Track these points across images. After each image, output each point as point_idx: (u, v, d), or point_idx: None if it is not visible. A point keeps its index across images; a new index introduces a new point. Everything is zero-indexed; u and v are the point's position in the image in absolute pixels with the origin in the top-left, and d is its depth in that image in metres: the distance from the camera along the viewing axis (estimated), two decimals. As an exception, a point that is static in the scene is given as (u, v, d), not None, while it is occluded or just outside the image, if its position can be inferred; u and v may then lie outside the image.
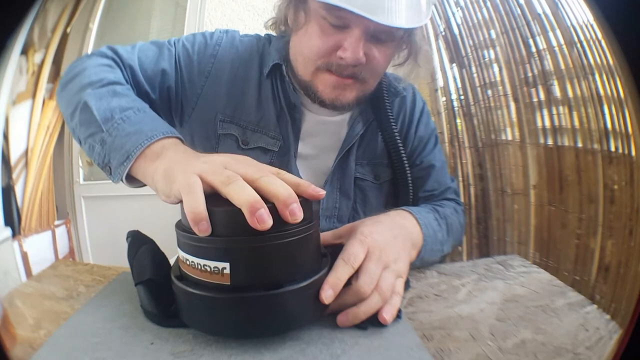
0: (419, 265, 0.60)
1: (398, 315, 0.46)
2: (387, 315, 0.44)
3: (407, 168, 0.68)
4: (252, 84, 0.66)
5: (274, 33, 0.70)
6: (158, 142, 0.48)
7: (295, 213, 0.37)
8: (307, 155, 0.68)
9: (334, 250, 0.46)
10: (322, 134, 0.69)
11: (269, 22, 0.68)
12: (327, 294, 0.41)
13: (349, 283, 0.44)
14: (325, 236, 0.51)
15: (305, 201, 0.41)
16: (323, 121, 0.68)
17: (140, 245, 0.50)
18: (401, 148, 0.68)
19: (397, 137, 0.68)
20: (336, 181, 0.69)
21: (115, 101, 0.53)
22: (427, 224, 0.59)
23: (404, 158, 0.68)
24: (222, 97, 0.66)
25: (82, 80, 0.56)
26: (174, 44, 0.67)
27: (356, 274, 0.45)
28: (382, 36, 0.57)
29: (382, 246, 0.48)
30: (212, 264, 0.39)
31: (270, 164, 0.50)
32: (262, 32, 0.72)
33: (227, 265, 0.39)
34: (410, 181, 0.68)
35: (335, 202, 0.69)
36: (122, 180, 0.49)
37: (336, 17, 0.56)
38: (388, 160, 0.70)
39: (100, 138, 0.50)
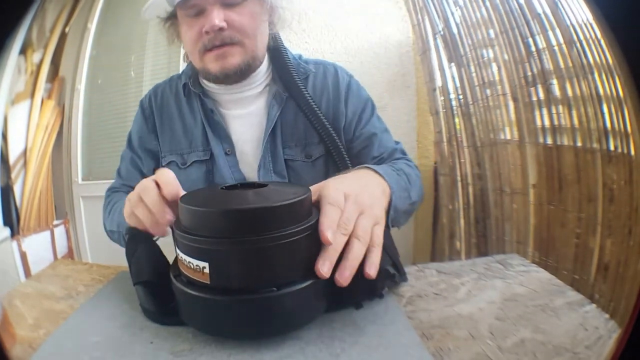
0: (400, 221, 0.64)
1: (381, 294, 0.46)
2: (371, 270, 0.45)
3: (337, 140, 0.72)
4: (175, 116, 0.76)
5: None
6: None
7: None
8: (239, 150, 0.74)
9: None
10: (245, 127, 0.74)
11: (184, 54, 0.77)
12: (328, 235, 0.42)
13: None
14: None
15: (290, 207, 0.41)
16: (242, 115, 0.74)
17: (138, 243, 0.50)
18: (326, 122, 0.72)
19: (319, 112, 0.72)
20: (268, 164, 0.73)
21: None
22: (387, 173, 0.61)
23: (332, 131, 0.72)
24: (163, 141, 0.76)
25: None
26: (128, 141, 0.78)
27: None
28: (230, 1, 0.66)
29: (356, 192, 0.49)
30: (195, 262, 0.40)
31: (207, 171, 0.72)
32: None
33: (206, 264, 0.40)
34: (344, 152, 0.72)
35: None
36: None
37: (189, 8, 0.66)
38: (318, 138, 0.73)
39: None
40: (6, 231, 0.64)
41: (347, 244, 0.44)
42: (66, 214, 0.82)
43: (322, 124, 0.72)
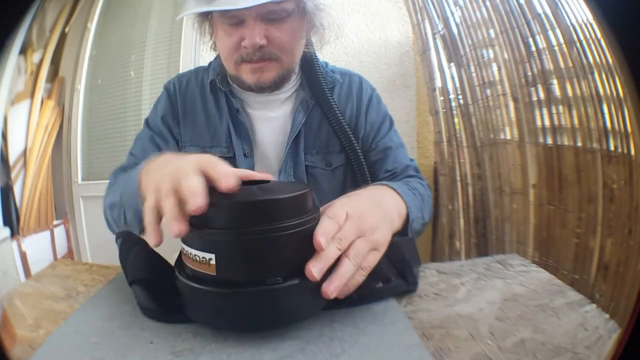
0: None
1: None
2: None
3: (359, 151, 0.73)
4: (199, 108, 0.75)
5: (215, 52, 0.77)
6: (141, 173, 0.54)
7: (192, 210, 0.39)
8: (260, 153, 0.74)
9: None
10: (270, 130, 0.74)
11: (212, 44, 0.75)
12: (321, 240, 0.41)
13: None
14: None
15: (294, 200, 0.42)
16: (268, 118, 0.74)
17: (132, 246, 0.51)
18: (349, 132, 0.72)
19: (343, 121, 0.72)
20: (289, 169, 0.74)
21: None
22: (405, 192, 0.60)
23: (354, 141, 0.72)
24: (185, 131, 0.75)
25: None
26: (147, 123, 0.75)
27: None
28: (272, 16, 0.64)
29: (361, 213, 0.47)
30: (201, 254, 0.40)
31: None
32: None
33: (213, 256, 0.40)
34: (364, 163, 0.73)
35: None
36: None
37: (229, 17, 0.63)
38: (340, 147, 0.74)
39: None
40: (6, 231, 0.64)
41: (338, 259, 0.44)
42: (66, 214, 0.82)
43: (345, 133, 0.72)
